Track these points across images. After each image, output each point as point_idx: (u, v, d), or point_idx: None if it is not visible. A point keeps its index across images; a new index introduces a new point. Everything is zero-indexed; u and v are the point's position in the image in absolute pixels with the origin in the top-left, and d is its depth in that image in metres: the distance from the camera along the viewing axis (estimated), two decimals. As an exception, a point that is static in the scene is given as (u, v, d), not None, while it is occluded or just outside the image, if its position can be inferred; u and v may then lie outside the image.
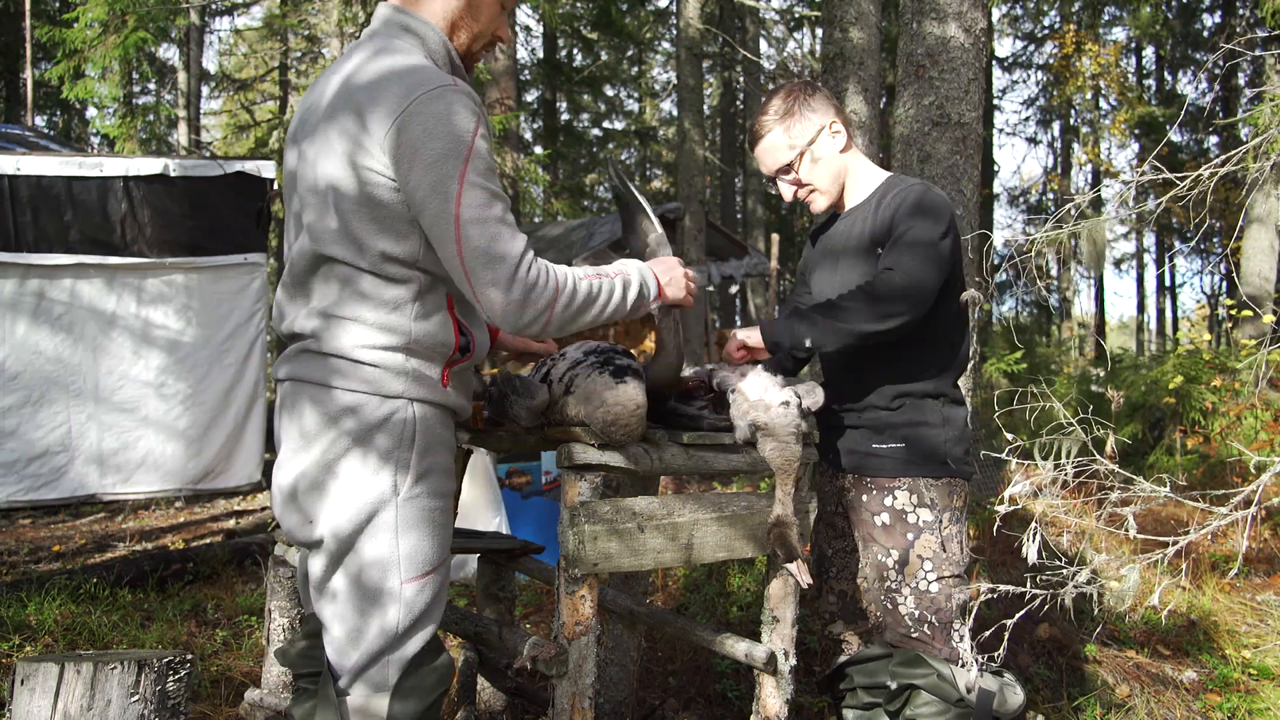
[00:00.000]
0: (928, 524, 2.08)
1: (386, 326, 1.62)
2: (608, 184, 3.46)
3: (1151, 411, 6.97)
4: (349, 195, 1.58)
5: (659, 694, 3.09)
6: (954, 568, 2.09)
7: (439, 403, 1.68)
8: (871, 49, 5.89)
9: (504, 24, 1.81)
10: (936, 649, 2.07)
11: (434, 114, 1.53)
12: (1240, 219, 9.78)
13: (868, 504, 2.15)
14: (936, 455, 2.09)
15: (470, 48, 1.77)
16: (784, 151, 2.18)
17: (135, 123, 11.21)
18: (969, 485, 2.17)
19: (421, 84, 1.55)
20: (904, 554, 2.09)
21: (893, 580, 2.10)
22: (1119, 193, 2.68)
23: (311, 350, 1.65)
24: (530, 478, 5.03)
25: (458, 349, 1.69)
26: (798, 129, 2.16)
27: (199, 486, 5.79)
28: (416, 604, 1.64)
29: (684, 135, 11.60)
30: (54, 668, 1.87)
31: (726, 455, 2.05)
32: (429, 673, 1.68)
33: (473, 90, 1.63)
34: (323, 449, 1.62)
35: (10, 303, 5.25)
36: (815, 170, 2.18)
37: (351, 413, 1.61)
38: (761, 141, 2.20)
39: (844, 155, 2.20)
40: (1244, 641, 3.53)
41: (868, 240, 2.14)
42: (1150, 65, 21.18)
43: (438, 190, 1.52)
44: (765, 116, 2.19)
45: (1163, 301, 24.76)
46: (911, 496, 2.09)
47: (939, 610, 2.07)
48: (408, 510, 1.63)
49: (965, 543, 2.14)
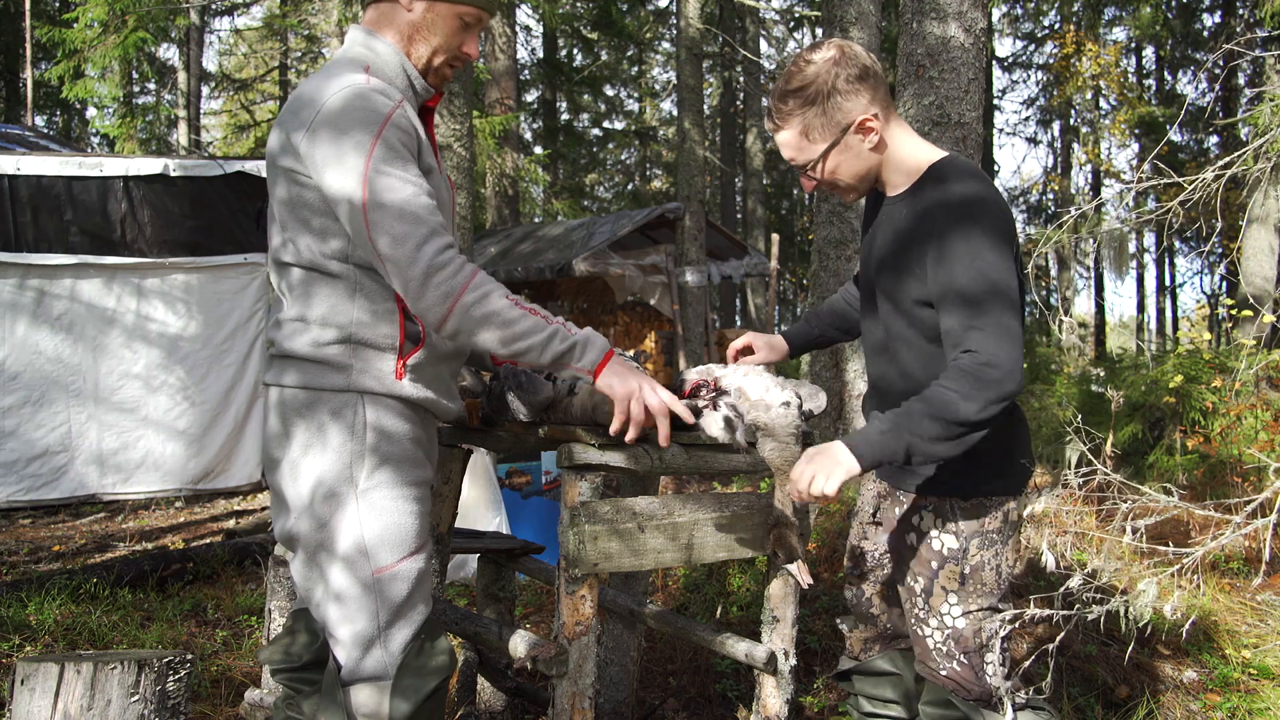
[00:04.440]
0: (952, 553, 1.88)
1: (327, 322, 1.67)
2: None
3: (1151, 411, 6.97)
4: (282, 200, 1.67)
5: (659, 694, 3.08)
6: (984, 599, 1.88)
7: (391, 395, 1.70)
8: (871, 49, 5.89)
9: (471, 40, 1.80)
10: (968, 689, 1.89)
11: (342, 107, 1.59)
12: (1240, 219, 9.78)
13: (898, 520, 2.00)
14: (966, 471, 1.85)
15: (431, 62, 1.78)
16: (803, 153, 1.84)
17: (135, 123, 11.21)
18: (1018, 498, 1.90)
19: (334, 85, 1.62)
20: (929, 583, 1.91)
21: (920, 609, 1.93)
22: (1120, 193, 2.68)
23: (272, 354, 1.74)
24: (530, 478, 5.03)
25: (404, 338, 1.71)
26: (819, 126, 1.80)
27: (199, 486, 5.79)
28: (391, 594, 1.66)
29: (684, 135, 11.60)
30: (54, 668, 1.87)
31: (726, 455, 2.05)
32: (426, 661, 1.70)
33: (403, 100, 1.67)
34: (287, 449, 1.69)
35: (10, 303, 5.25)
36: (839, 172, 1.86)
37: (304, 410, 1.67)
38: (779, 134, 1.86)
39: (875, 153, 1.84)
40: (1244, 641, 3.52)
41: (910, 248, 1.83)
42: (1150, 65, 21.18)
43: (345, 169, 1.56)
44: (785, 106, 1.81)
45: (1163, 301, 24.76)
46: (936, 519, 1.90)
47: (967, 646, 1.88)
48: (368, 502, 1.66)
49: (1005, 567, 1.90)
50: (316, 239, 1.65)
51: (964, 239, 1.70)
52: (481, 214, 13.44)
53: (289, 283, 1.71)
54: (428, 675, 1.69)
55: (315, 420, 1.66)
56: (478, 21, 1.79)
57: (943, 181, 1.79)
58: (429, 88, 1.81)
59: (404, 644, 1.68)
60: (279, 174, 1.67)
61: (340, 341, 1.67)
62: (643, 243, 11.82)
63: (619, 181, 27.53)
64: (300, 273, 1.68)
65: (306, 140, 1.60)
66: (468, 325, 1.59)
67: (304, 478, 1.66)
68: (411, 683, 1.66)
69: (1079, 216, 2.25)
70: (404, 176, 1.58)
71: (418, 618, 1.71)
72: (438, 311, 1.57)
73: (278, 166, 1.67)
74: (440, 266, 1.56)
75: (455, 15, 1.75)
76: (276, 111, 17.48)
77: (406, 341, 1.71)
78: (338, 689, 1.67)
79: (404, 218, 1.55)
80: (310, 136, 1.59)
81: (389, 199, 1.55)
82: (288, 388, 1.68)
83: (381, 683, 1.66)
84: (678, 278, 10.78)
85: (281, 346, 1.70)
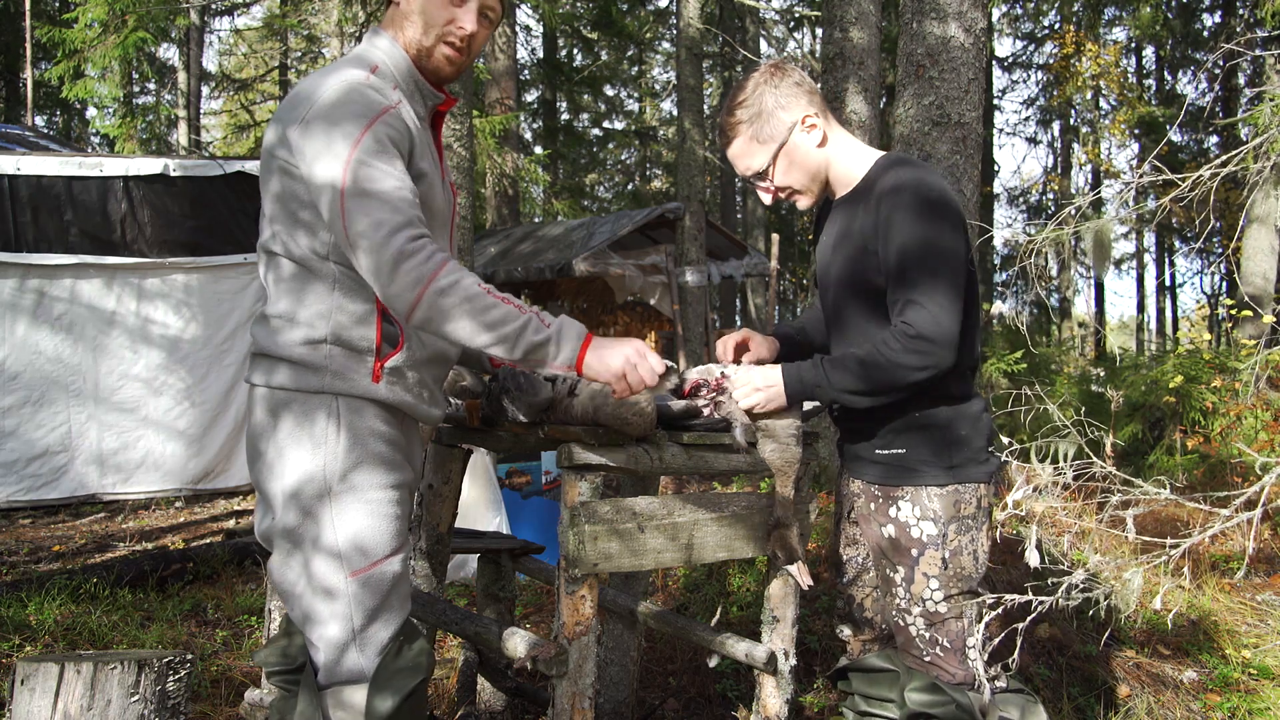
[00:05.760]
0: (931, 539, 1.95)
1: (311, 322, 1.67)
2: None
3: (1151, 411, 6.97)
4: (274, 194, 1.67)
5: (659, 694, 3.09)
6: (963, 583, 1.96)
7: (367, 397, 1.69)
8: (871, 49, 5.89)
9: (467, 15, 1.72)
10: (951, 673, 1.97)
11: (336, 100, 1.59)
12: (1240, 219, 9.78)
13: (875, 514, 2.05)
14: (940, 461, 1.96)
15: (422, 43, 1.73)
16: (755, 158, 1.98)
17: (135, 123, 11.21)
18: (989, 485, 2.01)
19: (332, 80, 1.62)
20: (909, 571, 1.98)
21: (902, 599, 2.00)
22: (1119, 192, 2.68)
23: (253, 352, 1.74)
24: (530, 478, 5.03)
25: (382, 340, 1.70)
26: (767, 130, 1.95)
27: (199, 486, 5.79)
28: (365, 596, 1.66)
29: (684, 135, 11.60)
30: (54, 668, 1.87)
31: (726, 455, 2.05)
32: (404, 663, 1.69)
33: (402, 101, 1.68)
34: (266, 449, 1.69)
35: (10, 303, 5.25)
36: (791, 173, 1.99)
37: (283, 410, 1.67)
38: (730, 147, 2.01)
39: (822, 150, 1.99)
40: (1244, 641, 3.53)
41: (860, 241, 1.96)
42: (1150, 65, 21.17)
43: (331, 156, 1.56)
44: (731, 118, 1.98)
45: (1163, 301, 24.76)
46: (914, 509, 1.97)
47: (950, 631, 1.97)
48: (344, 504, 1.66)
49: (981, 552, 1.99)
50: (304, 234, 1.65)
51: (908, 217, 1.84)
52: (481, 214, 13.44)
53: (276, 275, 1.70)
54: (405, 676, 1.67)
55: (293, 420, 1.66)
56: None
57: (888, 172, 1.93)
58: (436, 93, 1.79)
59: (381, 646, 1.67)
60: (272, 168, 1.67)
61: (321, 341, 1.66)
62: (643, 243, 11.82)
63: (619, 181, 27.53)
64: (288, 266, 1.68)
65: (300, 132, 1.59)
66: (437, 314, 1.54)
67: (283, 477, 1.66)
68: (390, 684, 1.65)
69: (1075, 214, 2.25)
70: (388, 170, 1.57)
71: (395, 620, 1.70)
72: (407, 298, 1.53)
73: (272, 159, 1.67)
74: (411, 253, 1.52)
75: None
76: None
77: (384, 344, 1.70)
78: (315, 691, 1.66)
79: (382, 205, 1.54)
80: (304, 129, 1.59)
81: (369, 187, 1.54)
82: (270, 387, 1.68)
83: (359, 684, 1.65)
84: (678, 278, 10.77)
85: (262, 345, 1.69)
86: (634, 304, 11.70)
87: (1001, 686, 2.02)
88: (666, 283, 10.70)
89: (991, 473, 2.00)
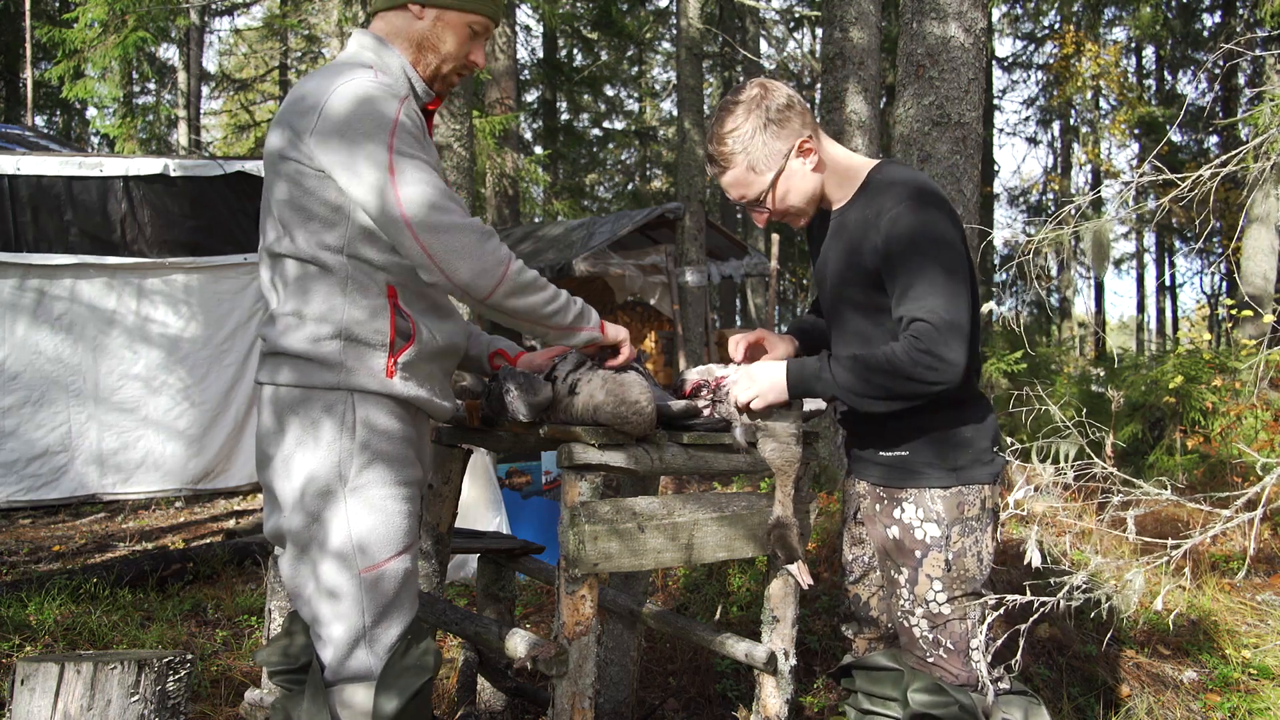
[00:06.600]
0: (934, 540, 1.95)
1: (322, 318, 1.67)
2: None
3: (1151, 411, 6.97)
4: (282, 198, 1.68)
5: (659, 694, 3.09)
6: (967, 585, 1.96)
7: (381, 393, 1.69)
8: (871, 49, 5.89)
9: (478, 49, 1.84)
10: (954, 674, 1.97)
11: (350, 110, 1.60)
12: (1240, 219, 9.79)
13: (880, 515, 2.05)
14: (943, 462, 1.95)
15: (439, 70, 1.81)
16: (751, 187, 1.94)
17: (135, 123, 11.21)
18: (993, 486, 2.00)
19: (338, 83, 1.64)
20: (913, 573, 1.98)
21: (905, 600, 2.00)
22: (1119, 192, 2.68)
23: (264, 352, 1.74)
24: (530, 478, 5.03)
25: (395, 334, 1.70)
26: (762, 158, 1.90)
27: (199, 486, 5.79)
28: (378, 593, 1.66)
29: (684, 135, 11.61)
30: (54, 668, 1.87)
31: (726, 455, 2.05)
32: (412, 661, 1.69)
33: (408, 96, 1.72)
34: (279, 446, 1.68)
35: (10, 303, 5.25)
36: (789, 198, 1.96)
37: (297, 407, 1.67)
38: (724, 177, 1.96)
39: (818, 172, 1.96)
40: (1244, 641, 3.52)
41: (856, 239, 1.94)
42: (1150, 65, 21.17)
43: (370, 161, 1.58)
44: (724, 148, 1.91)
45: (1163, 301, 24.76)
46: (918, 511, 1.96)
47: (953, 633, 1.96)
48: (356, 500, 1.66)
49: (985, 553, 1.98)
50: (316, 232, 1.66)
51: (903, 209, 1.83)
52: (481, 214, 13.45)
53: (283, 276, 1.70)
54: (411, 676, 1.67)
55: (307, 417, 1.66)
56: (485, 30, 1.81)
57: (884, 180, 1.93)
58: (429, 91, 1.82)
59: (390, 644, 1.68)
60: (280, 172, 1.67)
61: (333, 338, 1.66)
62: (643, 243, 11.81)
63: (619, 181, 27.52)
64: (296, 266, 1.68)
65: (316, 141, 1.61)
66: (518, 289, 1.67)
67: (295, 474, 1.66)
68: (397, 682, 1.66)
69: (1075, 214, 2.25)
70: (422, 177, 1.61)
71: (404, 617, 1.71)
72: (494, 274, 1.63)
73: (280, 163, 1.67)
74: (491, 233, 1.64)
75: (465, 24, 1.78)
76: (276, 112, 17.52)
77: (397, 338, 1.71)
78: (322, 688, 1.66)
79: (442, 209, 1.61)
80: (321, 139, 1.60)
81: (421, 177, 1.61)
82: (280, 385, 1.68)
83: (367, 682, 1.65)
84: (678, 278, 10.77)
85: (275, 343, 1.70)
86: (634, 304, 11.69)
87: (1004, 688, 2.03)
88: (666, 283, 10.70)
89: (996, 474, 1.98)
